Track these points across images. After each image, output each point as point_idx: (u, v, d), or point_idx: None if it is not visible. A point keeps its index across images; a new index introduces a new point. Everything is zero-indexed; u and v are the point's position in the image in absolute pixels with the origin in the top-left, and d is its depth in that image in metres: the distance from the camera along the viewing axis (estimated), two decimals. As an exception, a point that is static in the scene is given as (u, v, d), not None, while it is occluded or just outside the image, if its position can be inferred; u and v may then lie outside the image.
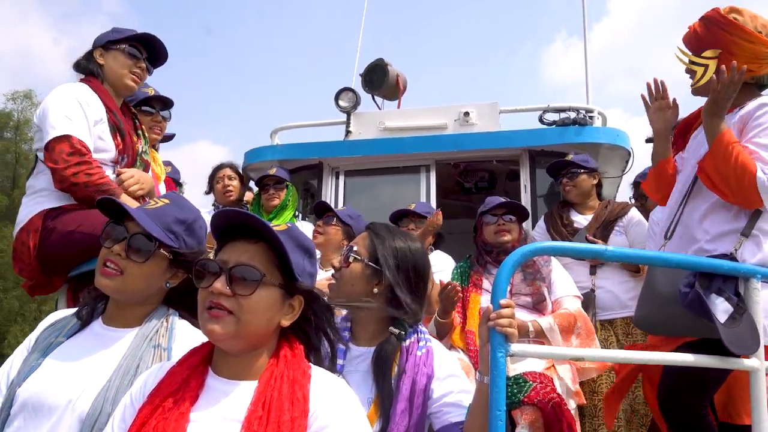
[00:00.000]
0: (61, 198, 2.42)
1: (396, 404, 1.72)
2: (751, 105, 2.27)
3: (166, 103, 3.41)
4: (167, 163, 4.41)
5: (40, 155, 2.49)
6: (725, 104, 2.19)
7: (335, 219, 3.44)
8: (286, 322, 1.40)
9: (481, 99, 4.67)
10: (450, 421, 1.73)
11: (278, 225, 1.42)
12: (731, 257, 2.08)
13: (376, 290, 1.87)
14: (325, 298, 1.50)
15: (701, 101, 2.34)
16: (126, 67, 2.63)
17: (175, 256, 1.66)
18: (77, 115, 2.42)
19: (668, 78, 2.55)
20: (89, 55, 2.65)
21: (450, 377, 1.80)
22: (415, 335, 1.86)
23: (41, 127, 2.44)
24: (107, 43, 2.64)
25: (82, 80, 2.62)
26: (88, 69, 2.64)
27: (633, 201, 4.09)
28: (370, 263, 1.88)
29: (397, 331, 1.84)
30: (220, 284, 1.31)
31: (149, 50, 2.71)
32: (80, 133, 2.39)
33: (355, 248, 1.90)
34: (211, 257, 1.41)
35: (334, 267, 1.94)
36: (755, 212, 2.18)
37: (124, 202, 1.69)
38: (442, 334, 3.06)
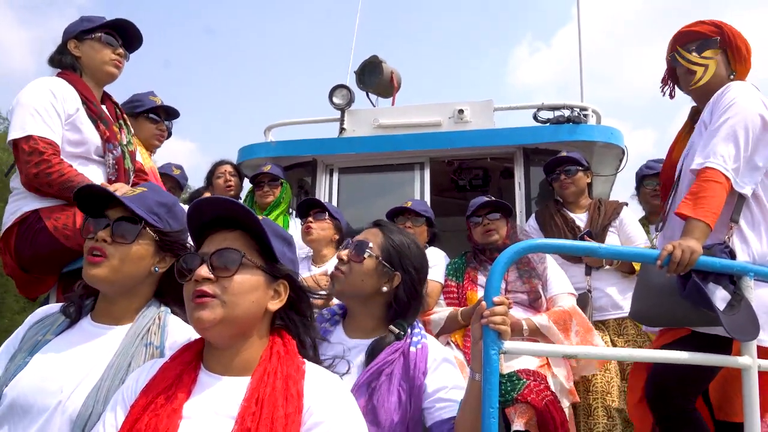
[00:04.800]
0: (36, 198, 2.36)
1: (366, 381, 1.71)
2: (718, 91, 2.28)
3: (170, 114, 3.41)
4: (178, 167, 4.44)
5: None
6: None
7: (327, 214, 3.44)
8: (273, 307, 1.40)
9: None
10: (441, 417, 1.71)
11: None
12: (724, 245, 2.09)
13: (385, 288, 1.85)
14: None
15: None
16: (105, 55, 2.58)
17: (161, 238, 1.64)
18: (45, 111, 2.35)
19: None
20: (63, 48, 2.60)
21: (442, 372, 1.79)
22: (409, 330, 1.85)
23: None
24: (80, 33, 2.58)
25: (58, 74, 2.55)
26: (63, 63, 2.58)
27: (640, 197, 4.11)
28: (383, 262, 1.86)
29: (396, 330, 1.83)
30: (203, 270, 1.32)
31: (123, 36, 2.66)
32: (44, 131, 2.32)
33: (370, 244, 1.87)
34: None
35: (341, 259, 1.89)
36: (739, 198, 2.18)
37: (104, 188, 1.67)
38: (450, 330, 3.03)
